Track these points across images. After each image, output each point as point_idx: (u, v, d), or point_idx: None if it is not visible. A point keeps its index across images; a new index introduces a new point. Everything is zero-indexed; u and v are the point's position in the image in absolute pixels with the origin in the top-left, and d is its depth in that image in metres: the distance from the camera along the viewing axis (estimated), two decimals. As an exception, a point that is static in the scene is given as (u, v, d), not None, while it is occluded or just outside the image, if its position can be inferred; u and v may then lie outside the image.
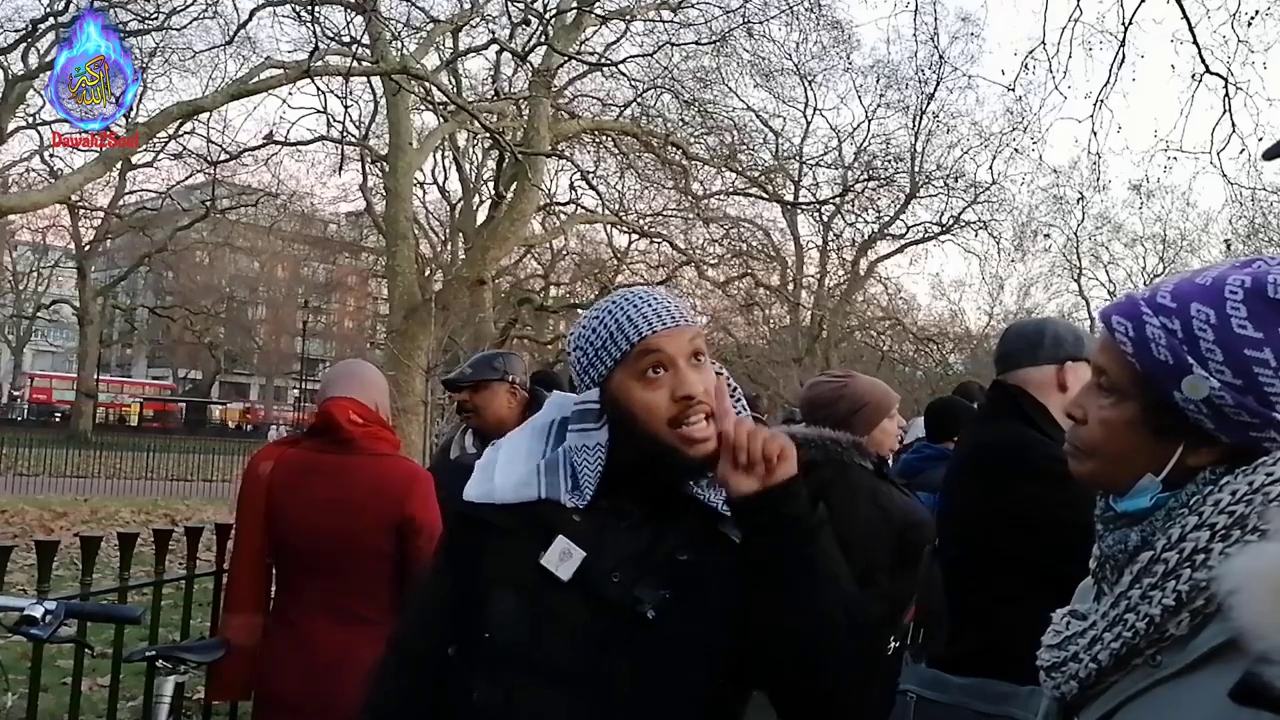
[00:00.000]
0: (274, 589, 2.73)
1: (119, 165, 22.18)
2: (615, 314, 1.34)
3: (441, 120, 15.16)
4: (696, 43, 16.46)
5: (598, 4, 15.00)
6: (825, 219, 25.56)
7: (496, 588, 1.32)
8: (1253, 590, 0.79)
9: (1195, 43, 11.07)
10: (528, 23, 12.12)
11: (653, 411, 1.30)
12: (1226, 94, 11.59)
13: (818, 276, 27.61)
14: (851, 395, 2.98)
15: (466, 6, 15.37)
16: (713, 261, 22.13)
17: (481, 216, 20.15)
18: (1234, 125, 11.87)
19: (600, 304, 1.41)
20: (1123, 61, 11.52)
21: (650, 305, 1.33)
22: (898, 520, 2.88)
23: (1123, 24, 11.30)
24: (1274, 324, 0.92)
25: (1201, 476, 0.97)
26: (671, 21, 15.84)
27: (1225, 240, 25.70)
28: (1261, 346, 0.92)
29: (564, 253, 25.64)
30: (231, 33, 13.78)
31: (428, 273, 19.62)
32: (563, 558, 1.29)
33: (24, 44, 19.88)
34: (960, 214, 25.88)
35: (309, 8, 10.39)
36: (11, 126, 23.27)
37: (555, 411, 1.45)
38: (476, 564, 1.35)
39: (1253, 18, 11.49)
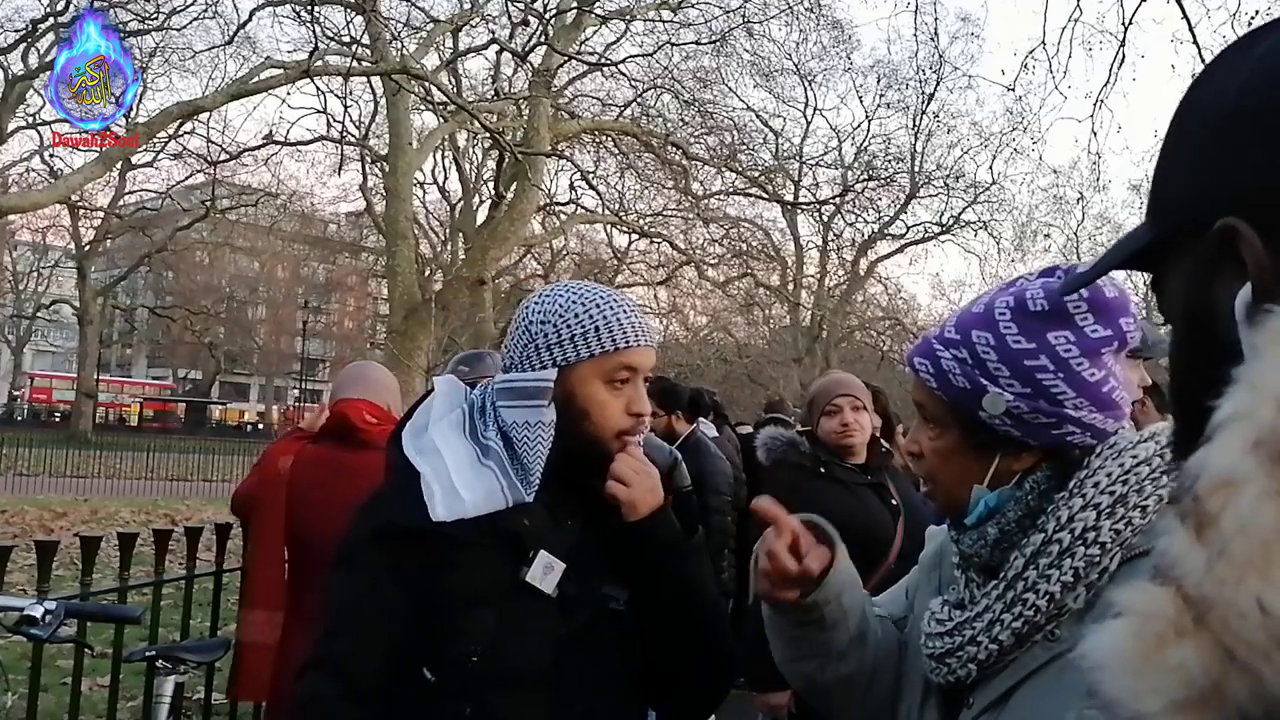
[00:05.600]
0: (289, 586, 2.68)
1: (119, 165, 22.19)
2: (605, 310, 1.36)
3: (441, 120, 15.14)
4: (696, 43, 16.49)
5: (598, 4, 14.99)
6: (825, 219, 25.60)
7: (469, 605, 1.29)
8: (1112, 666, 0.80)
9: (1195, 43, 11.06)
10: (528, 23, 12.10)
11: (608, 417, 1.36)
12: (1227, 94, 11.56)
13: (818, 276, 27.65)
14: (807, 393, 3.39)
15: (466, 6, 15.36)
16: (713, 261, 22.15)
17: (481, 216, 20.12)
18: (1234, 125, 11.82)
19: (580, 288, 1.40)
20: (1123, 61, 11.57)
21: (635, 316, 1.38)
22: (852, 527, 2.98)
23: (1123, 24, 11.35)
24: (1041, 333, 1.03)
25: (1032, 479, 1.07)
26: (671, 21, 15.86)
27: (1225, 240, 25.70)
28: (1037, 355, 1.03)
29: (564, 253, 25.65)
30: (231, 33, 13.87)
31: (428, 273, 19.62)
32: (545, 571, 1.32)
33: (24, 44, 19.92)
34: (960, 214, 25.99)
35: (309, 8, 10.40)
36: (11, 126, 23.27)
37: (456, 400, 1.43)
38: (437, 582, 1.31)
39: (1253, 18, 11.47)
